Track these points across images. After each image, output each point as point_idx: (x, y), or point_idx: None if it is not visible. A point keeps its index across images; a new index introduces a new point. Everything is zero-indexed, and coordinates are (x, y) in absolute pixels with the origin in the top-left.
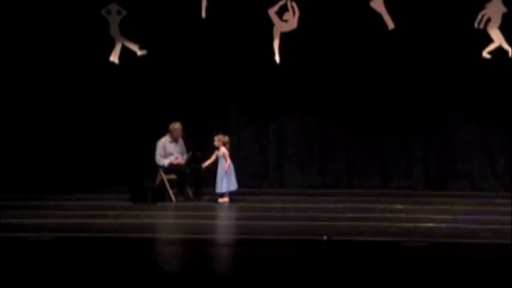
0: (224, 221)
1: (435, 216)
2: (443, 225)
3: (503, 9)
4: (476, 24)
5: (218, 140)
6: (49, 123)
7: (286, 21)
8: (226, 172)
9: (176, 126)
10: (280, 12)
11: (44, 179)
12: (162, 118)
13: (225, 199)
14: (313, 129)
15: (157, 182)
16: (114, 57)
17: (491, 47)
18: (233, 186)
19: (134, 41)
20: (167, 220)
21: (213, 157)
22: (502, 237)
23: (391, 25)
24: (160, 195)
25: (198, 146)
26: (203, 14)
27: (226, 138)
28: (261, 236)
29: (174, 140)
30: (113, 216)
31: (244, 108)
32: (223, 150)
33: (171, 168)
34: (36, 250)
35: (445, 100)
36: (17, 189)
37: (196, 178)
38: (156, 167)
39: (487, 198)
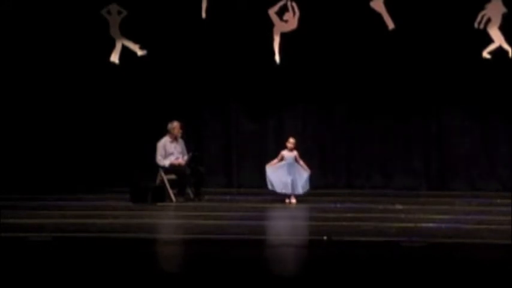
0: (223, 221)
1: (435, 216)
2: (443, 225)
3: (503, 9)
4: (476, 25)
5: (294, 143)
6: (49, 124)
7: (286, 21)
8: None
9: (174, 124)
10: (280, 12)
11: (44, 179)
12: (162, 118)
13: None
14: (313, 129)
15: (158, 182)
16: (114, 58)
17: (491, 47)
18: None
19: (134, 41)
20: (167, 220)
21: (279, 158)
22: (502, 237)
23: (391, 25)
24: (160, 195)
25: (198, 146)
26: (203, 14)
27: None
28: (261, 237)
29: (175, 139)
30: (113, 216)
31: (245, 108)
32: (295, 153)
33: (172, 168)
34: (36, 250)
35: (445, 100)
36: (17, 189)
37: (196, 178)
38: (156, 167)
39: (487, 198)
